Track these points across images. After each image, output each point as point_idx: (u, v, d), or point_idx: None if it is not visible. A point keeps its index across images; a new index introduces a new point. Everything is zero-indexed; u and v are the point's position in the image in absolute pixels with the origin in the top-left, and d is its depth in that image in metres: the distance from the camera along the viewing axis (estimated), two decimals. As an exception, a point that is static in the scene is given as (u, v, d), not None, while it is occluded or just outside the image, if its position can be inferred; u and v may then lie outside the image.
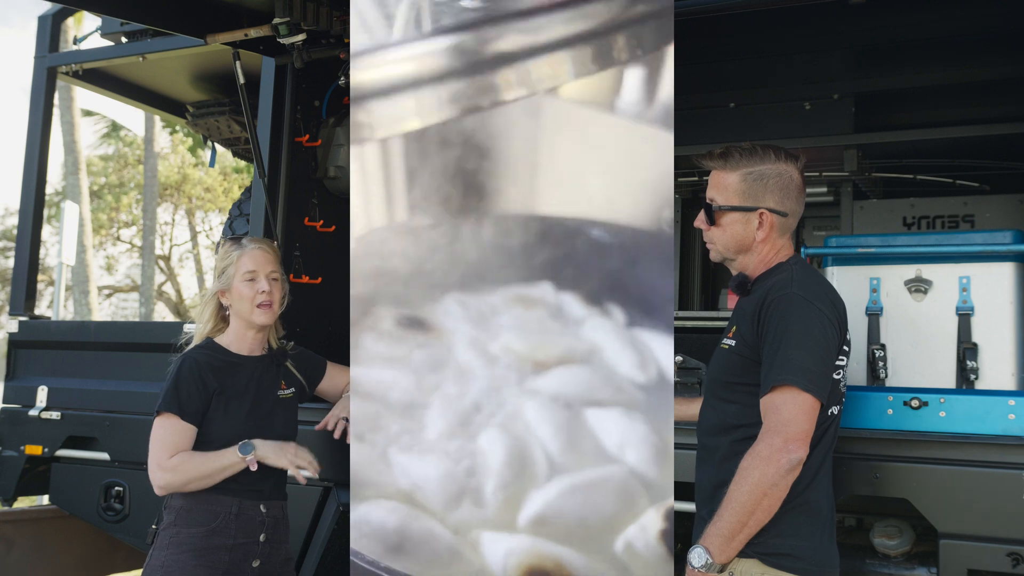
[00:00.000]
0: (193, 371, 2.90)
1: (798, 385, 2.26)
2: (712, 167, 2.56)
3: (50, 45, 5.02)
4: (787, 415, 2.26)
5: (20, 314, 4.73)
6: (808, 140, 4.15)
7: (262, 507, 2.93)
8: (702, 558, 2.26)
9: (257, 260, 2.97)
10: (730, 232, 2.52)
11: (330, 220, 4.23)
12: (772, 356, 2.32)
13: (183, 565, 2.81)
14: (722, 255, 2.57)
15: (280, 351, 3.11)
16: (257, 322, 2.98)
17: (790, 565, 2.31)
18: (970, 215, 4.35)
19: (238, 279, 2.96)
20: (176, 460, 2.83)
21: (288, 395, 3.09)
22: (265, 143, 4.02)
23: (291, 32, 3.55)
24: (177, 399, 2.87)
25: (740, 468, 2.26)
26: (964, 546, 2.64)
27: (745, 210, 2.49)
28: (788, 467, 2.23)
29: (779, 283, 2.42)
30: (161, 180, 20.06)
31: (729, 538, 2.25)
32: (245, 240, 3.06)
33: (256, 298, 2.94)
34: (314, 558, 3.54)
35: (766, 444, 2.25)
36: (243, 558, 2.89)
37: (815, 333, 2.33)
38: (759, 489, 2.23)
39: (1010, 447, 2.63)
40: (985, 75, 4.17)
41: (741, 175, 2.50)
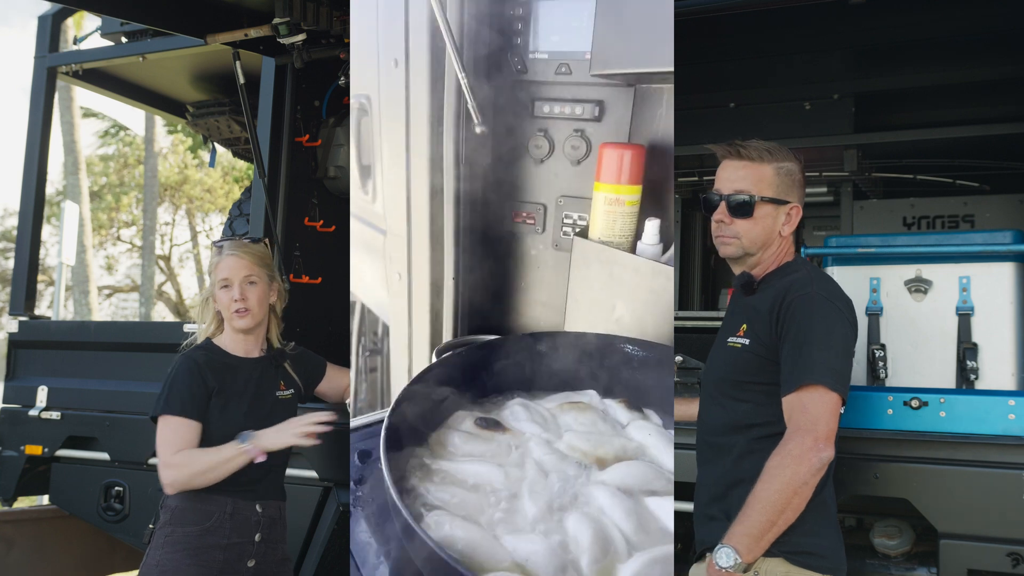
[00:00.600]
0: (192, 370, 2.91)
1: (826, 384, 2.27)
2: (749, 158, 2.53)
3: (50, 45, 5.02)
4: (815, 414, 2.27)
5: (20, 314, 4.73)
6: (808, 140, 4.15)
7: (257, 507, 2.93)
8: (730, 558, 2.23)
9: (231, 267, 2.98)
10: (762, 225, 2.50)
11: (330, 220, 4.23)
12: (796, 355, 2.32)
13: (177, 564, 2.82)
14: (744, 250, 2.53)
15: (279, 352, 3.11)
16: (236, 327, 3.01)
17: (814, 563, 2.31)
18: (970, 215, 4.35)
19: (216, 287, 3.00)
20: (181, 456, 2.84)
21: (287, 396, 3.09)
22: (265, 143, 4.02)
23: (291, 32, 3.55)
24: (178, 399, 2.87)
25: (769, 467, 2.25)
26: (964, 546, 2.64)
27: (780, 203, 2.50)
28: (819, 466, 2.24)
29: (798, 282, 2.42)
30: (161, 180, 20.06)
31: (758, 537, 2.24)
32: (226, 245, 3.06)
33: (231, 305, 2.97)
34: (314, 558, 3.54)
35: (797, 443, 2.24)
36: (238, 558, 2.89)
37: (838, 333, 2.34)
38: (790, 488, 2.22)
39: (1010, 447, 2.63)
40: (985, 75, 4.17)
41: (775, 168, 2.51)
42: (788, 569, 2.30)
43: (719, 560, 2.25)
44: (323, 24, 3.57)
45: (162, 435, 2.87)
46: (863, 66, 4.40)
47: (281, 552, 3.04)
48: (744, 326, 2.47)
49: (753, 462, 2.34)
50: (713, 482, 2.48)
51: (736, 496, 2.35)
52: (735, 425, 2.44)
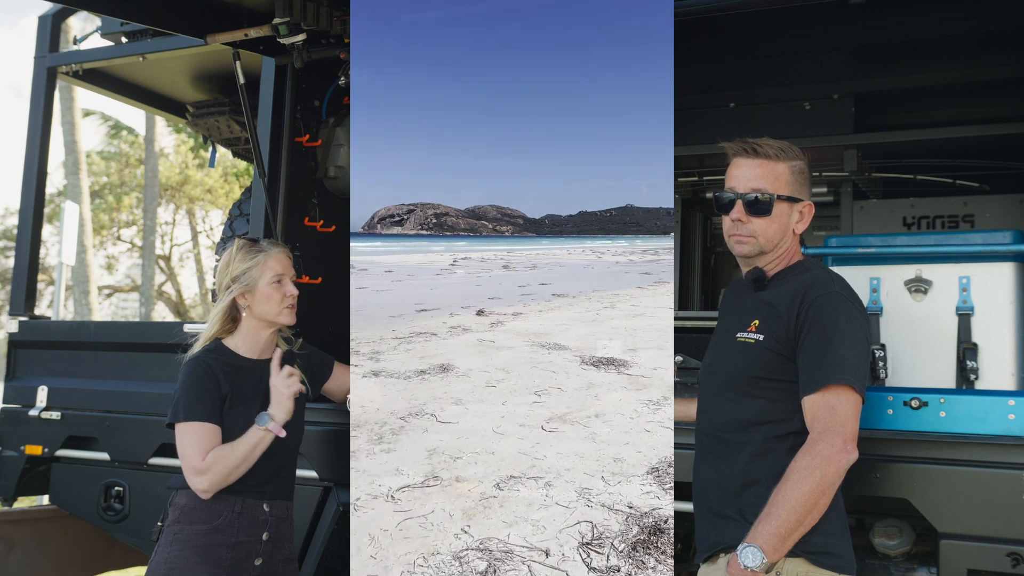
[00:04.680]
0: (208, 374, 2.92)
1: (853, 386, 2.28)
2: (767, 156, 2.53)
3: (50, 45, 5.02)
4: (843, 415, 2.27)
5: (20, 314, 4.73)
6: (808, 140, 4.14)
7: (265, 506, 2.94)
8: (757, 557, 2.23)
9: (283, 263, 3.06)
10: (779, 223, 2.51)
11: (330, 220, 4.23)
12: (821, 355, 2.31)
13: (186, 562, 2.83)
14: (761, 248, 2.53)
15: (288, 353, 3.13)
16: (284, 322, 3.06)
17: (831, 563, 2.32)
18: (970, 215, 4.35)
19: (264, 281, 3.00)
20: (209, 459, 2.84)
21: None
22: (265, 143, 4.02)
23: (291, 32, 3.55)
24: (197, 405, 2.88)
25: (797, 468, 2.25)
26: (964, 546, 2.63)
27: (795, 201, 2.51)
28: (846, 468, 2.26)
29: (818, 281, 2.42)
30: (162, 180, 20.05)
31: (784, 537, 2.24)
32: (264, 243, 3.09)
33: (284, 300, 3.03)
34: (314, 558, 3.54)
35: (827, 444, 2.24)
36: (245, 556, 2.90)
37: (860, 334, 2.35)
38: (819, 489, 2.23)
39: (1010, 447, 2.63)
40: (985, 75, 4.17)
41: (789, 167, 2.52)
42: (808, 569, 2.30)
43: (745, 560, 2.24)
44: (323, 24, 3.57)
45: (185, 442, 2.88)
46: (863, 66, 4.40)
47: (288, 551, 3.05)
48: (756, 322, 2.46)
49: (769, 463, 2.33)
50: (725, 480, 2.45)
51: (751, 496, 2.34)
52: (747, 421, 2.43)
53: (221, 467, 2.83)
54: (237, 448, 2.86)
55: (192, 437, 2.86)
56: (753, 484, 2.36)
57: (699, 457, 2.58)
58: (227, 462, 2.84)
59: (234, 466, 2.85)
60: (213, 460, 2.84)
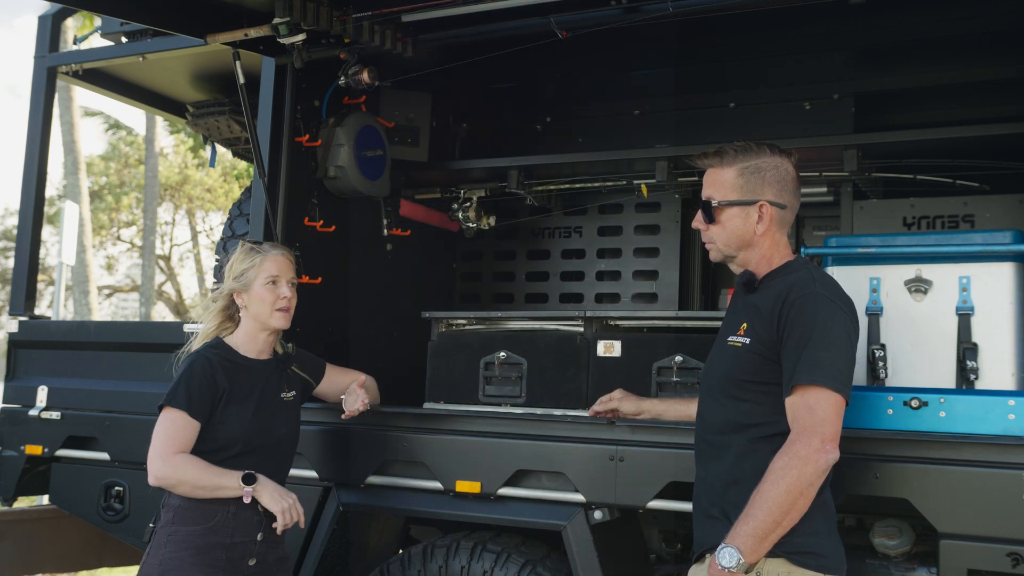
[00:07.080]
0: (206, 369, 2.94)
1: (830, 386, 2.28)
2: (708, 165, 2.58)
3: (50, 45, 5.01)
4: (821, 415, 2.27)
5: (20, 314, 4.73)
6: (808, 140, 4.14)
7: (260, 507, 2.94)
8: (733, 558, 2.24)
9: (280, 265, 3.06)
10: (730, 228, 2.52)
11: (330, 220, 4.23)
12: (798, 355, 2.31)
13: (180, 563, 2.83)
14: (723, 253, 2.57)
15: (285, 355, 3.15)
16: (274, 325, 3.05)
17: (814, 563, 2.31)
18: (970, 215, 4.34)
19: (259, 282, 3.01)
20: (179, 459, 2.84)
21: (291, 398, 3.13)
22: (265, 143, 4.01)
23: (291, 32, 3.54)
24: (187, 395, 2.89)
25: (774, 468, 2.25)
26: (964, 546, 2.63)
27: (744, 204, 2.50)
28: (825, 468, 2.25)
29: (800, 282, 2.42)
30: (162, 180, 20.06)
31: (762, 538, 2.24)
32: (266, 245, 3.13)
33: (277, 303, 3.03)
34: (314, 558, 3.54)
35: (803, 444, 2.24)
36: (240, 556, 2.90)
37: (841, 334, 2.35)
38: (796, 489, 2.23)
39: (1010, 447, 2.63)
40: (985, 75, 4.17)
41: (738, 170, 2.52)
42: (790, 569, 2.30)
43: (722, 560, 2.24)
44: (323, 24, 3.57)
45: (161, 426, 2.89)
46: (863, 66, 4.39)
47: (281, 551, 3.07)
48: (745, 325, 2.47)
49: (752, 462, 2.33)
50: (713, 481, 2.47)
51: (734, 496, 2.35)
52: (735, 424, 2.44)
53: (181, 472, 2.83)
54: (206, 474, 2.84)
55: (171, 424, 2.87)
56: (735, 484, 2.37)
57: (695, 459, 2.60)
58: (187, 475, 2.83)
59: (189, 482, 2.83)
60: (182, 463, 2.84)
